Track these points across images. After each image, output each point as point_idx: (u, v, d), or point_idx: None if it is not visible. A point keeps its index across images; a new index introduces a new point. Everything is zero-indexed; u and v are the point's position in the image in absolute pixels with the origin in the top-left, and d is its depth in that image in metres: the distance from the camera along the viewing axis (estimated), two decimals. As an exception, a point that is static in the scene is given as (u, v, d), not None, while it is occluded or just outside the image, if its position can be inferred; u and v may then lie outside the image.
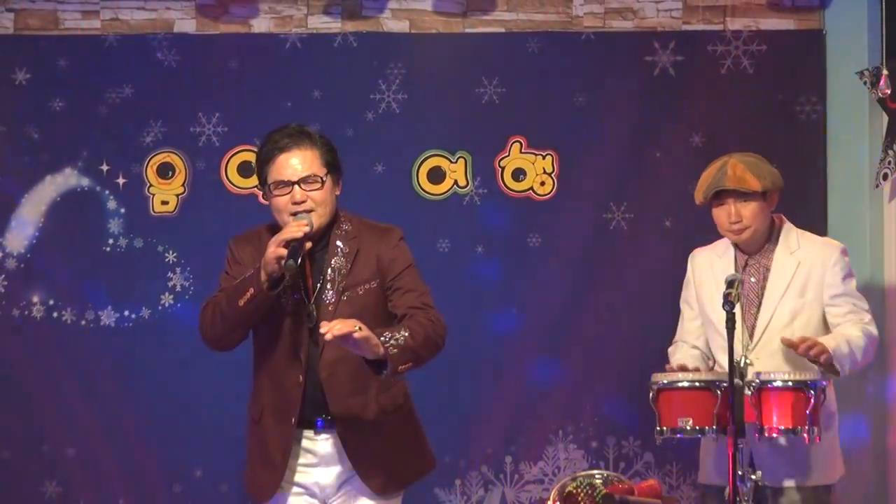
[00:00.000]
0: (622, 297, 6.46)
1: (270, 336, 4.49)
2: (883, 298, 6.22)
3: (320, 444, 4.49)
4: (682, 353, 5.18)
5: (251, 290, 4.36)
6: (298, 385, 4.44)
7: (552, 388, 6.44)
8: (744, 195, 4.97)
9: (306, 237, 4.36)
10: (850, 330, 4.93)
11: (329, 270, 4.47)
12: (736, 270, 5.06)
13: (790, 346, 4.81)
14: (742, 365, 4.82)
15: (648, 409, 4.84)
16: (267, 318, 4.46)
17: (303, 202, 4.44)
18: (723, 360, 4.87)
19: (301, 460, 4.50)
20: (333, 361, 4.43)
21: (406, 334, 4.31)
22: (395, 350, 4.25)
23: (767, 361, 4.92)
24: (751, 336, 5.00)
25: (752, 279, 5.05)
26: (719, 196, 5.01)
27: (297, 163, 4.46)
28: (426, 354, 4.40)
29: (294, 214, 4.44)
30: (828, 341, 4.82)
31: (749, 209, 4.98)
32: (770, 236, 5.07)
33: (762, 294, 5.03)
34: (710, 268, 5.14)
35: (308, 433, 4.49)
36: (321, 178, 4.46)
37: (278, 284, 4.37)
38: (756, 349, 4.97)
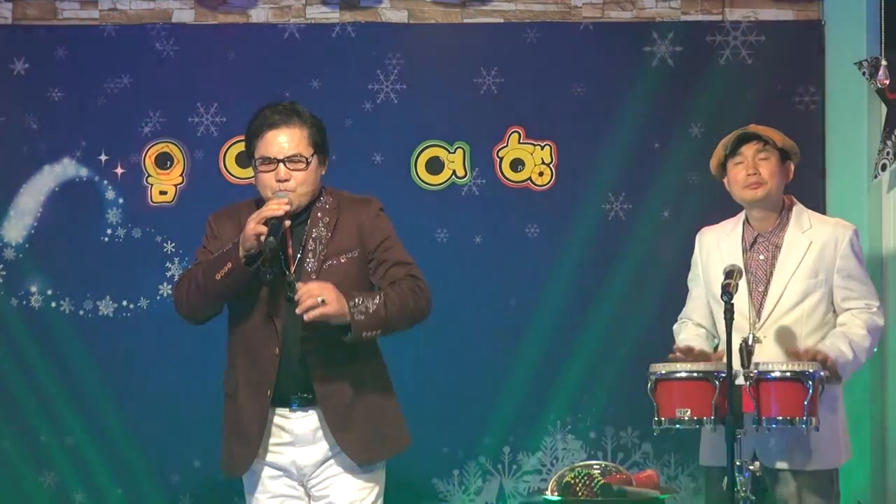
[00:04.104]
0: (620, 288, 6.46)
1: (247, 310, 4.51)
2: (881, 287, 6.22)
3: (296, 422, 4.50)
4: (688, 332, 5.16)
5: (229, 265, 4.39)
6: (275, 358, 4.45)
7: (550, 379, 6.44)
8: (764, 148, 4.99)
9: (286, 215, 4.39)
10: (854, 327, 4.93)
11: (310, 241, 4.50)
12: (744, 248, 5.06)
13: (794, 355, 4.81)
14: (751, 342, 4.82)
15: (647, 399, 4.84)
16: (245, 292, 4.48)
17: (286, 181, 4.47)
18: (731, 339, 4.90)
19: (274, 439, 4.51)
20: (315, 333, 4.43)
21: (378, 302, 4.38)
22: (362, 317, 4.33)
23: (775, 340, 4.92)
24: (758, 314, 4.99)
25: (761, 256, 5.04)
26: (738, 150, 5.01)
27: (284, 140, 4.50)
28: (400, 323, 4.46)
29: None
30: (831, 350, 4.82)
31: (767, 165, 5.00)
32: (781, 214, 5.07)
33: (771, 272, 5.02)
34: (717, 247, 5.13)
35: (282, 411, 4.50)
36: (307, 158, 4.49)
37: (255, 260, 4.40)
38: (764, 327, 4.96)
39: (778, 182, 5.03)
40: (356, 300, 4.34)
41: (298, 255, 4.50)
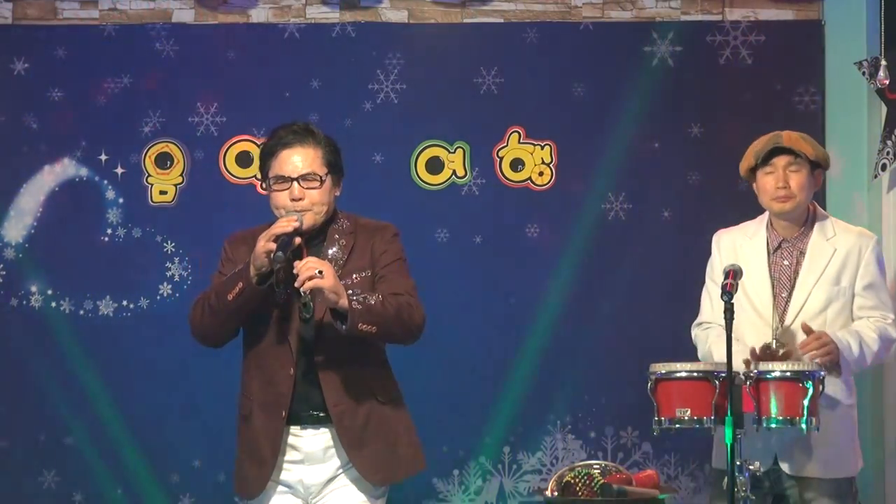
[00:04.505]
0: (620, 288, 6.46)
1: (261, 331, 4.50)
2: (881, 289, 6.22)
3: (307, 440, 4.49)
4: (718, 336, 5.11)
5: (240, 285, 4.38)
6: (289, 378, 4.44)
7: (550, 379, 6.44)
8: (795, 161, 4.98)
9: (296, 232, 4.38)
10: (867, 330, 4.93)
11: (325, 261, 4.49)
12: (769, 252, 5.06)
13: (807, 331, 4.81)
14: (773, 347, 4.83)
15: (647, 399, 4.84)
16: (259, 313, 4.47)
17: (300, 199, 4.46)
18: (748, 336, 4.91)
19: (287, 457, 4.50)
20: (329, 353, 4.43)
21: (378, 298, 4.36)
22: (360, 307, 4.30)
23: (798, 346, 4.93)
24: (781, 320, 4.99)
25: (785, 262, 5.04)
26: (769, 161, 5.01)
27: (298, 160, 4.48)
28: (395, 328, 4.42)
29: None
30: (839, 339, 4.82)
31: (797, 178, 4.99)
32: (805, 221, 5.08)
33: (795, 278, 5.02)
34: (738, 248, 5.11)
35: (295, 429, 4.49)
36: (321, 177, 4.48)
37: (267, 280, 4.39)
38: (787, 333, 4.96)
39: (806, 194, 5.03)
40: (355, 291, 4.35)
41: None
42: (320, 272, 4.25)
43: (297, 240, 4.40)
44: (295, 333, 4.45)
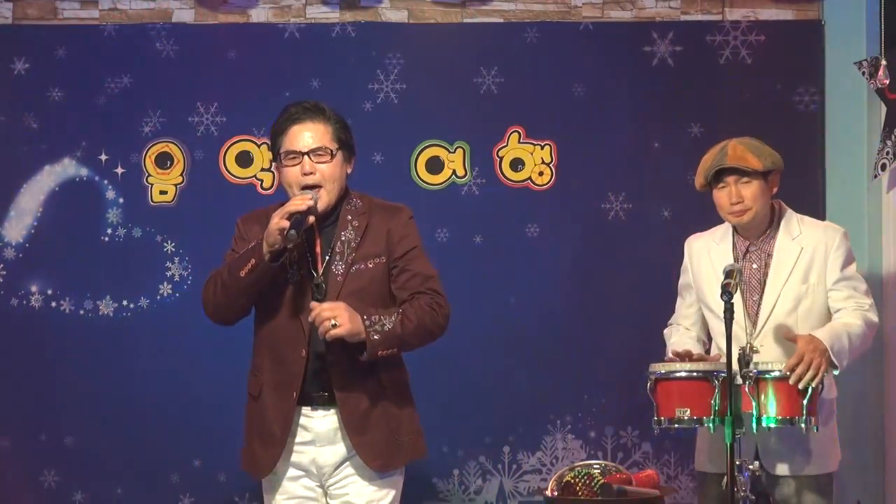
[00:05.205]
0: (620, 287, 6.46)
1: (274, 311, 4.52)
2: (880, 288, 6.23)
3: (317, 421, 4.51)
4: (680, 336, 5.17)
5: (252, 261, 4.41)
6: (301, 359, 4.46)
7: (550, 378, 6.45)
8: (744, 174, 4.97)
9: (310, 210, 4.40)
10: (849, 318, 4.93)
11: (338, 243, 4.51)
12: (736, 257, 5.06)
13: (790, 339, 4.80)
14: (747, 352, 4.82)
15: (646, 399, 4.85)
16: (272, 292, 4.48)
17: (311, 174, 4.49)
18: (724, 346, 4.89)
19: (298, 438, 4.52)
20: (339, 338, 4.43)
21: (396, 320, 4.41)
22: (377, 336, 4.36)
23: (772, 348, 4.92)
24: (753, 323, 4.99)
25: (754, 265, 5.05)
26: (720, 177, 5.01)
27: (308, 135, 4.54)
28: (416, 341, 4.50)
29: (305, 188, 4.49)
30: (825, 337, 4.79)
31: (749, 190, 4.98)
32: (771, 222, 5.07)
33: (764, 280, 5.02)
34: (707, 254, 5.13)
35: (305, 410, 4.51)
36: (331, 151, 4.52)
37: (280, 257, 4.41)
38: (760, 336, 4.96)
39: (762, 202, 5.01)
40: (372, 318, 4.37)
41: (327, 257, 4.51)
42: (334, 324, 4.30)
43: (311, 219, 4.42)
44: (307, 314, 4.46)
